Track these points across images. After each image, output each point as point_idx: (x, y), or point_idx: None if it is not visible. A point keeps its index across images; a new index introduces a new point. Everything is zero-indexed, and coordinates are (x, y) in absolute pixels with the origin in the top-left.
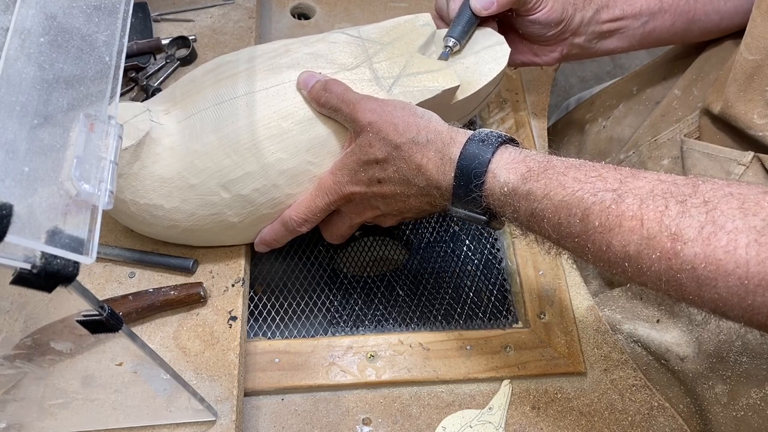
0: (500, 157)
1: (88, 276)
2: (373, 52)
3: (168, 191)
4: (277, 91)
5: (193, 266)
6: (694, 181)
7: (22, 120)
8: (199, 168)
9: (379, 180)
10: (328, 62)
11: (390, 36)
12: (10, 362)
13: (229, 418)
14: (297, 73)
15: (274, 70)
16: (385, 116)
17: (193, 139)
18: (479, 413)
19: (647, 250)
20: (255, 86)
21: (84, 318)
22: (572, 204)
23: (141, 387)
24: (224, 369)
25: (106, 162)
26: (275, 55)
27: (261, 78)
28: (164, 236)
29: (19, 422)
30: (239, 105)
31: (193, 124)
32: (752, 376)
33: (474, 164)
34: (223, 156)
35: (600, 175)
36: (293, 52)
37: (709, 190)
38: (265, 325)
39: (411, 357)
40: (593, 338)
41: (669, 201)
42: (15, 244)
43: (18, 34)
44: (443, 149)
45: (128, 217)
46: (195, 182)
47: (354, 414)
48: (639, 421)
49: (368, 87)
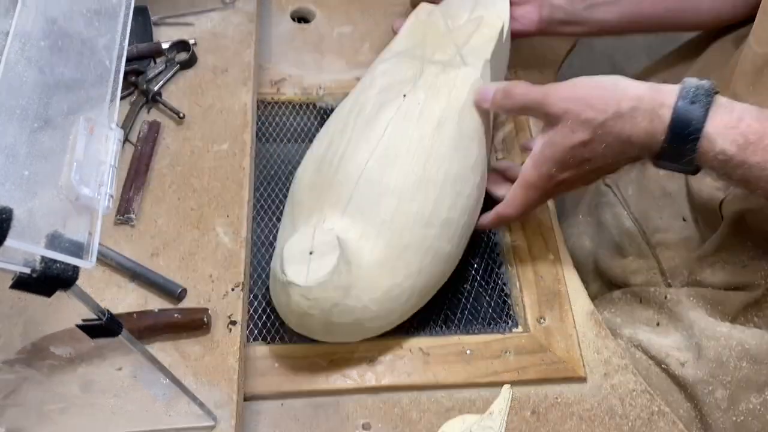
0: (714, 120)
1: (87, 280)
2: (419, 53)
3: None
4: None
5: (180, 294)
6: None
7: (22, 124)
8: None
9: (588, 159)
10: (399, 85)
11: (414, 39)
12: (10, 367)
13: (229, 423)
14: (390, 113)
15: (370, 123)
16: (578, 100)
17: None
18: (479, 418)
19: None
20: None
21: (84, 323)
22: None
23: (140, 392)
24: (224, 374)
25: (106, 166)
26: (360, 113)
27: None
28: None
29: (18, 427)
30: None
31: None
32: (752, 381)
33: (688, 129)
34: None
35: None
36: (367, 103)
37: None
38: (265, 329)
39: (411, 362)
40: (593, 343)
41: None
42: (15, 249)
43: (18, 38)
44: (652, 113)
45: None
46: (407, 242)
47: (354, 419)
48: (639, 426)
49: (449, 74)
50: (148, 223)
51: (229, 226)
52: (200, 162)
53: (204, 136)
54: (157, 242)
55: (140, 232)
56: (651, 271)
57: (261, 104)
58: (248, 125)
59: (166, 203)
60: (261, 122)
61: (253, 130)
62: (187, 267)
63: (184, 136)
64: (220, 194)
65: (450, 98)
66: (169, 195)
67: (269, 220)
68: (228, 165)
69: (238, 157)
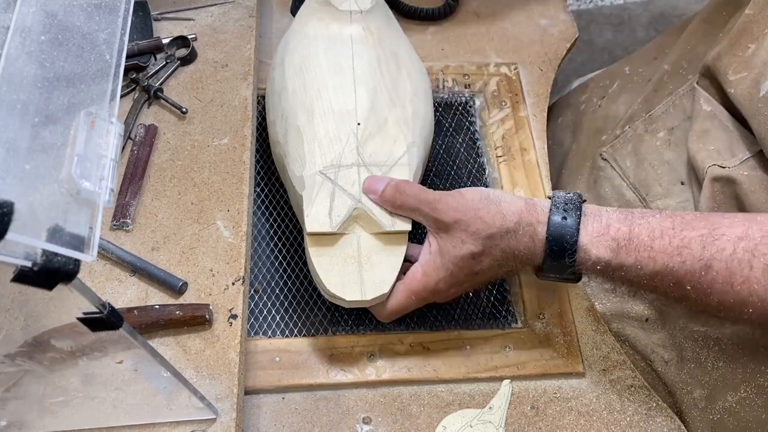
0: (585, 230)
1: (88, 274)
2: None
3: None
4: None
5: (181, 287)
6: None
7: (23, 118)
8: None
9: (476, 272)
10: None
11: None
12: (11, 360)
13: (230, 416)
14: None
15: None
16: (469, 211)
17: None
18: (479, 413)
19: (740, 307)
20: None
21: (85, 316)
22: (665, 274)
23: (141, 385)
24: (225, 367)
25: (107, 160)
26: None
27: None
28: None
29: (19, 420)
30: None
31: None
32: (728, 379)
33: (563, 243)
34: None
35: (684, 244)
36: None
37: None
38: (266, 323)
39: (411, 356)
40: (592, 339)
41: (753, 261)
42: (16, 242)
43: (19, 32)
44: (530, 230)
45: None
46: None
47: (354, 413)
48: (637, 421)
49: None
50: (149, 218)
51: (229, 220)
52: (201, 156)
53: (204, 130)
54: (158, 236)
55: (141, 226)
56: None
57: (261, 99)
58: (248, 120)
59: (167, 197)
60: (261, 117)
61: (253, 124)
62: (188, 261)
63: (184, 130)
64: (221, 188)
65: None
66: (169, 189)
67: (269, 214)
68: (228, 159)
69: (239, 152)
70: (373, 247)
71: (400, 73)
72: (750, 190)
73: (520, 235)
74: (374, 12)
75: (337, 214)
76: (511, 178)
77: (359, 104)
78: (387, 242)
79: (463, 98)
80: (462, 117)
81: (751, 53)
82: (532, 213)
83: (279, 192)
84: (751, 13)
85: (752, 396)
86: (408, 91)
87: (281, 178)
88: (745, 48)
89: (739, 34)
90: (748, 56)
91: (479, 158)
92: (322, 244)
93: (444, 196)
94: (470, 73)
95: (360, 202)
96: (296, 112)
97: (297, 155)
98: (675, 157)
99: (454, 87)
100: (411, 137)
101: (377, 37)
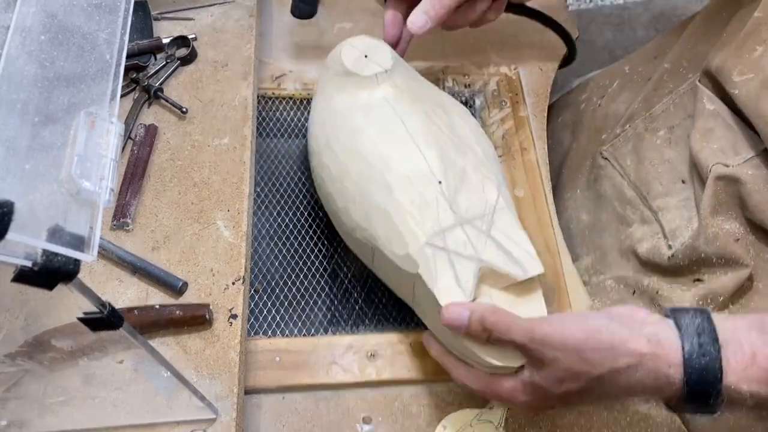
0: (729, 366)
1: (89, 274)
2: (477, 225)
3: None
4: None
5: (181, 287)
6: None
7: (23, 118)
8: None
9: (568, 402)
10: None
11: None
12: (11, 360)
13: (230, 416)
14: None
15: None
16: (568, 350)
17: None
18: (479, 412)
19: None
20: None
21: (85, 315)
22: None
23: (142, 384)
24: (225, 367)
25: (107, 160)
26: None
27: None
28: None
29: (20, 420)
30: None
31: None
32: None
33: (707, 389)
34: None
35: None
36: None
37: None
38: (266, 323)
39: (411, 356)
40: None
41: None
42: (16, 242)
43: (19, 32)
44: (657, 372)
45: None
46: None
47: (354, 413)
48: (637, 420)
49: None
50: (149, 217)
51: (229, 220)
52: (201, 156)
53: (204, 130)
54: (158, 236)
55: (141, 226)
56: (655, 236)
57: (262, 99)
58: (249, 119)
59: (167, 197)
60: (261, 117)
61: (253, 124)
62: (188, 261)
63: (184, 130)
64: (221, 188)
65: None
66: (169, 189)
67: (269, 214)
68: (228, 159)
69: (239, 152)
70: (509, 302)
71: (453, 119)
72: (754, 189)
73: (640, 376)
74: (397, 67)
75: (466, 280)
76: (511, 177)
77: (431, 163)
78: (521, 293)
79: (463, 98)
80: None
81: (758, 55)
82: (658, 353)
83: (279, 192)
84: (761, 15)
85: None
86: (468, 134)
87: (367, 264)
88: (752, 50)
89: (746, 36)
90: (755, 58)
91: None
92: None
93: (539, 328)
94: (470, 73)
95: (482, 261)
96: (370, 192)
97: (391, 235)
98: (675, 155)
99: (454, 87)
100: (494, 177)
101: (409, 91)
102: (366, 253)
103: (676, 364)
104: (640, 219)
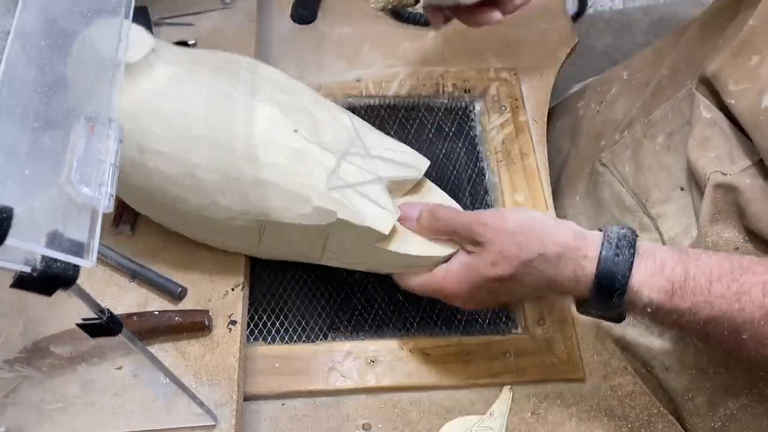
0: (638, 270)
1: (88, 280)
2: (355, 151)
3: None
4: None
5: (180, 293)
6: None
7: (22, 123)
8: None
9: (500, 294)
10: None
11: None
12: (10, 366)
13: (229, 423)
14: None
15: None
16: (505, 233)
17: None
18: (480, 419)
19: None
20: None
21: (84, 322)
22: (721, 321)
23: (140, 391)
24: (224, 373)
25: (107, 165)
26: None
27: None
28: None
29: (18, 426)
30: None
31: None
32: (729, 386)
33: (613, 282)
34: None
35: (743, 290)
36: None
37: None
38: (265, 329)
39: (411, 362)
40: (592, 345)
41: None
42: (15, 248)
43: (19, 37)
44: (575, 264)
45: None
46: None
47: (354, 419)
48: (638, 428)
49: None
50: (149, 223)
51: None
52: None
53: None
54: (157, 242)
55: (141, 232)
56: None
57: None
58: None
59: None
60: None
61: None
62: (188, 266)
63: None
64: None
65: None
66: None
67: None
68: None
69: None
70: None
71: (257, 70)
72: (752, 198)
73: (561, 266)
74: (161, 45)
75: (384, 201)
76: (511, 182)
77: (275, 114)
78: (422, 192)
79: (463, 103)
80: (462, 122)
81: (754, 65)
82: (580, 245)
83: None
84: (755, 24)
85: (753, 403)
86: (281, 77)
87: (249, 251)
88: (747, 59)
89: (741, 45)
90: (750, 67)
91: (479, 163)
92: (397, 235)
93: (482, 216)
94: (470, 78)
95: (382, 178)
96: (236, 171)
97: (285, 200)
98: (674, 162)
99: (454, 92)
100: (332, 104)
101: (193, 61)
102: (249, 239)
103: (592, 258)
104: (639, 226)
